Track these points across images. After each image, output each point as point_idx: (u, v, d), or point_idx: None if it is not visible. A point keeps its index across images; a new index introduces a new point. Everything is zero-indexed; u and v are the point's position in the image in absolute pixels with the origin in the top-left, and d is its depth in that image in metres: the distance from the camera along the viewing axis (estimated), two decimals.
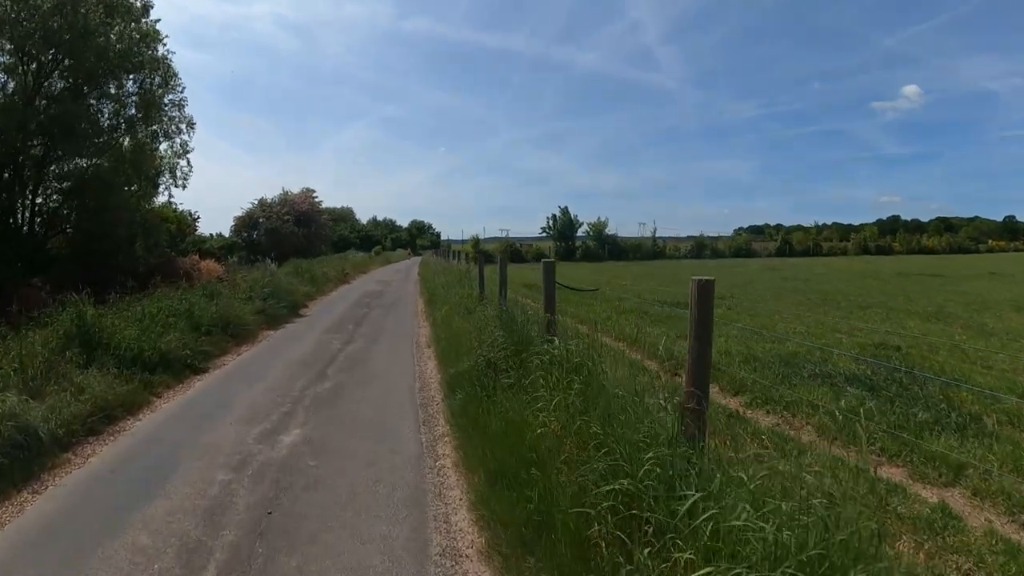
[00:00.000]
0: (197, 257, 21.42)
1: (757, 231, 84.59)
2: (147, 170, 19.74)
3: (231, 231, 38.16)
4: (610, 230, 51.72)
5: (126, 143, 19.18)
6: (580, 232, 51.22)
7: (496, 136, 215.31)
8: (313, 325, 10.29)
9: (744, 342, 8.96)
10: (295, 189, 42.09)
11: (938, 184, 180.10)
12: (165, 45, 18.46)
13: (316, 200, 42.55)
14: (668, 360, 7.25)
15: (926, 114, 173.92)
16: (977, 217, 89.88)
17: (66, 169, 19.19)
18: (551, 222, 50.12)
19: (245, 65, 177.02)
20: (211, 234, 41.82)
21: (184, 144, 20.55)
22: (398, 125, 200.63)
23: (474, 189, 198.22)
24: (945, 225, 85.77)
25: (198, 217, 37.00)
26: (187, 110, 20.08)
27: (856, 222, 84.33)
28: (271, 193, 40.56)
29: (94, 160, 18.82)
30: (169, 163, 20.95)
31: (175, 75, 19.10)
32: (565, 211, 49.98)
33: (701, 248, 60.74)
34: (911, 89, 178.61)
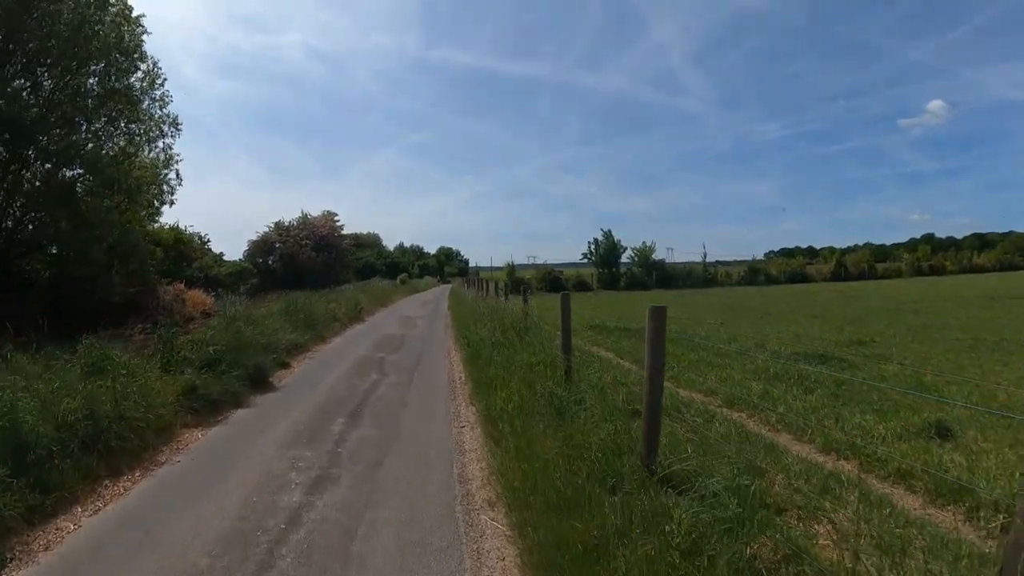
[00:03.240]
0: (182, 286, 17.63)
1: (789, 254, 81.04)
2: (123, 179, 16.11)
3: (244, 256, 34.75)
4: (657, 255, 46.86)
5: (91, 146, 15.62)
6: (624, 258, 46.47)
7: (523, 162, 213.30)
8: (276, 418, 5.87)
9: None
10: (319, 213, 38.76)
11: (967, 199, 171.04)
12: (141, 26, 14.90)
13: (338, 224, 39.11)
14: None
15: (953, 129, 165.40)
16: (1012, 232, 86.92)
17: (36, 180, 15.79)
18: (592, 247, 45.48)
19: (276, 93, 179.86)
20: (239, 259, 38.22)
21: (168, 148, 16.93)
22: (425, 152, 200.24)
23: (501, 215, 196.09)
24: (981, 241, 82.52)
25: (208, 240, 33.75)
26: (170, 108, 16.53)
27: (888, 242, 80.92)
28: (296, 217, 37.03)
29: (49, 165, 15.31)
30: (151, 172, 17.36)
31: (149, 61, 15.51)
32: (608, 235, 45.35)
33: (755, 274, 55.37)
34: (936, 104, 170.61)
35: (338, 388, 7.03)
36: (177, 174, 17.58)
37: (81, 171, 15.25)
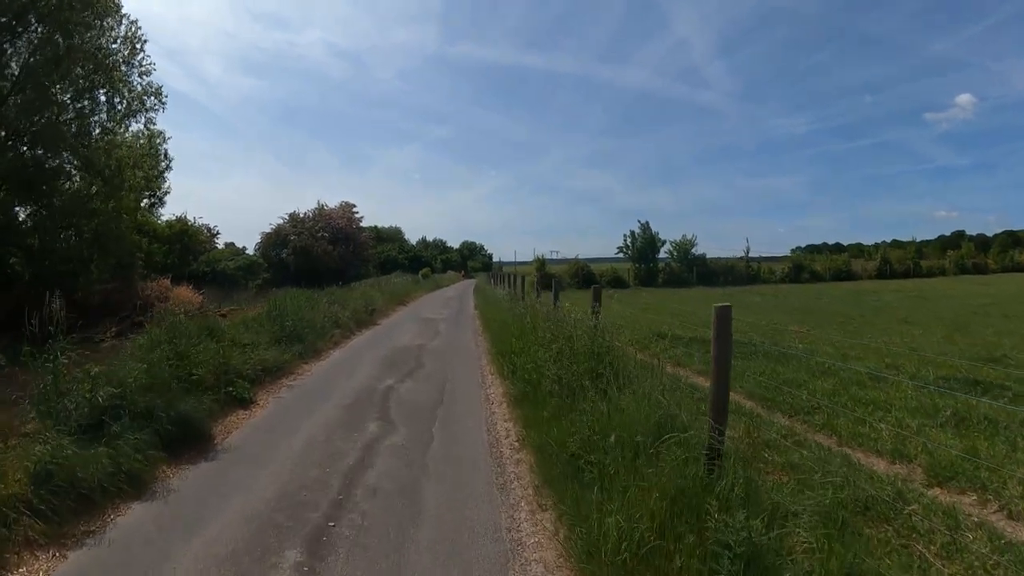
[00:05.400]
0: (168, 282, 15.33)
1: (815, 250, 78.19)
2: (100, 160, 13.83)
3: (256, 249, 32.59)
4: (697, 250, 43.40)
5: (71, 121, 13.39)
6: (661, 252, 43.13)
7: (545, 156, 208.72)
8: (184, 539, 3.20)
9: None
10: (336, 204, 36.43)
11: (995, 196, 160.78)
12: None
13: (356, 215, 36.69)
14: None
15: (981, 123, 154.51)
16: None
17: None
18: (628, 241, 42.19)
19: (297, 90, 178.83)
20: (251, 253, 36.05)
21: (150, 123, 14.54)
22: (447, 147, 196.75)
23: (524, 209, 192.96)
24: (1013, 239, 79.01)
25: (217, 232, 31.72)
26: (153, 78, 14.16)
27: (916, 238, 77.69)
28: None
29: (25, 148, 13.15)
30: (136, 153, 15.02)
31: (126, 23, 13.14)
32: (646, 227, 41.99)
33: (799, 270, 51.60)
34: (965, 98, 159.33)
35: (310, 458, 4.35)
36: (165, 154, 15.22)
37: (48, 148, 13.03)
